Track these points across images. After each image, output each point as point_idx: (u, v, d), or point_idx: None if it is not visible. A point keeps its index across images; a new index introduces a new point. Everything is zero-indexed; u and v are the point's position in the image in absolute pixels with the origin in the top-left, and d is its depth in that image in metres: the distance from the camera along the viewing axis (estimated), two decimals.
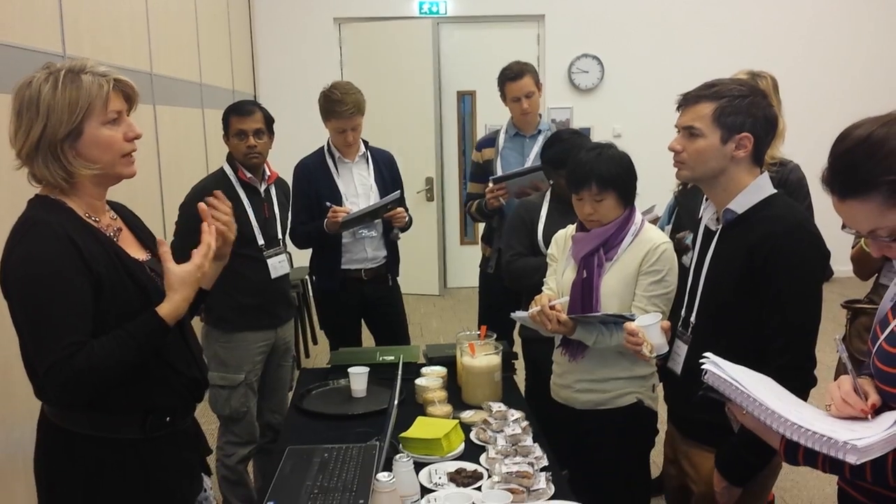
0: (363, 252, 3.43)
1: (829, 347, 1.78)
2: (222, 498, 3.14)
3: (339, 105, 3.26)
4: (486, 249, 3.72)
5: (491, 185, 3.45)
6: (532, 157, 3.58)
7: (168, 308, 1.65)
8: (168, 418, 1.75)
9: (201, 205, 1.80)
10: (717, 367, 1.45)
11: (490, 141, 3.76)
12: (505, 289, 3.50)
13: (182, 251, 1.79)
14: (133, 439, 1.70)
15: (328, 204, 3.29)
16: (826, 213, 1.46)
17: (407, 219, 3.44)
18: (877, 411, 1.34)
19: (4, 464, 2.41)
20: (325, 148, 3.45)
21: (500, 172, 3.56)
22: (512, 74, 3.57)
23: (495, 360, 2.57)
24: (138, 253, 1.77)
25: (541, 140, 3.60)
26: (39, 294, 1.55)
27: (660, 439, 2.39)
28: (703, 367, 1.47)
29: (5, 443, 2.42)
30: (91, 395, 1.59)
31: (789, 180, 2.75)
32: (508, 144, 3.67)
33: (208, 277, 1.83)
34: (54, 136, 1.57)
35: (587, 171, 2.22)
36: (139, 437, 1.70)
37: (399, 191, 3.40)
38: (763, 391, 1.38)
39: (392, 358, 2.88)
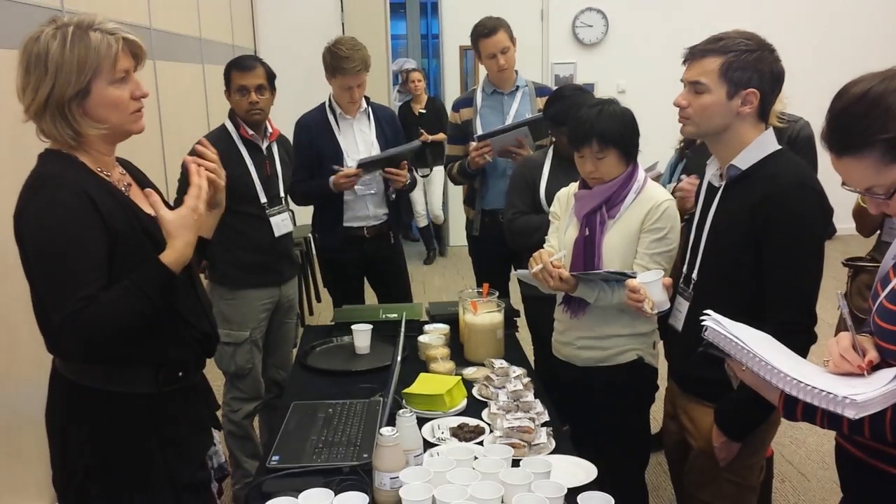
0: (365, 210, 3.42)
1: (829, 305, 1.79)
2: (228, 452, 3.19)
3: (347, 62, 3.22)
4: (470, 212, 3.69)
5: (475, 143, 3.40)
6: (511, 115, 3.52)
7: (170, 255, 1.63)
8: (180, 373, 1.77)
9: (186, 157, 1.79)
10: (717, 324, 1.45)
11: (467, 100, 3.67)
12: (495, 250, 3.51)
13: None
14: (145, 393, 1.72)
15: (335, 167, 3.27)
16: (831, 170, 1.45)
17: (408, 181, 3.40)
18: (876, 368, 1.35)
19: (12, 420, 2.44)
20: (327, 104, 3.42)
21: (479, 131, 3.49)
22: (485, 31, 3.46)
23: (497, 317, 2.58)
24: (149, 209, 1.77)
25: (519, 96, 3.55)
26: (55, 249, 1.55)
27: (660, 395, 2.42)
28: (703, 323, 1.48)
29: (13, 399, 2.45)
30: (108, 348, 1.60)
31: (799, 137, 2.71)
32: (486, 103, 3.59)
33: (207, 226, 1.82)
34: (62, 96, 1.57)
35: (588, 129, 2.20)
36: (152, 391, 1.72)
37: (420, 141, 3.36)
38: (763, 347, 1.39)
39: (395, 315, 2.90)
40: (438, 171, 6.98)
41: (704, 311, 1.50)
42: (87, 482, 1.69)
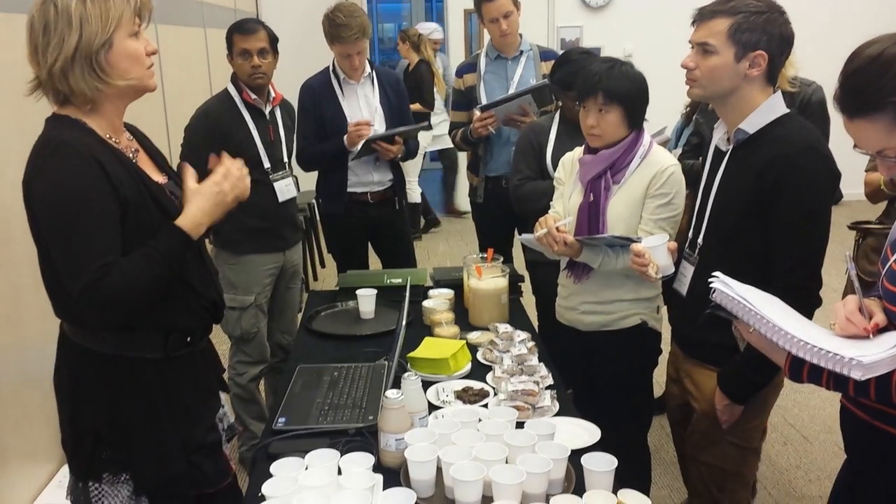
0: (369, 175, 3.41)
1: (835, 270, 1.79)
2: (235, 415, 3.23)
3: (344, 30, 3.18)
4: (473, 178, 3.67)
5: (478, 113, 3.36)
6: (515, 81, 3.48)
7: (186, 218, 1.66)
8: (188, 338, 1.78)
9: (213, 156, 1.81)
10: (725, 286, 1.45)
11: (471, 66, 3.62)
12: (498, 217, 3.50)
13: None
14: (154, 358, 1.73)
15: (350, 121, 3.25)
16: (843, 135, 1.43)
17: (398, 155, 3.36)
18: (883, 332, 1.35)
19: (19, 384, 2.46)
20: (331, 69, 3.39)
21: (483, 98, 3.46)
22: None
23: (502, 282, 2.59)
24: (157, 176, 1.77)
25: (523, 61, 3.51)
26: (70, 217, 1.55)
27: (662, 359, 2.43)
28: (711, 285, 1.48)
29: (20, 363, 2.47)
30: (126, 314, 1.62)
31: (811, 101, 2.68)
32: (490, 69, 3.54)
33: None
34: (90, 47, 1.56)
35: (596, 81, 2.17)
36: (160, 356, 1.74)
37: (427, 122, 3.34)
38: (770, 309, 1.39)
39: (399, 280, 2.91)
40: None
41: (713, 273, 1.49)
42: (98, 445, 1.71)
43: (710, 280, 1.49)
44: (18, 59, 1.64)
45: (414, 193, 7.15)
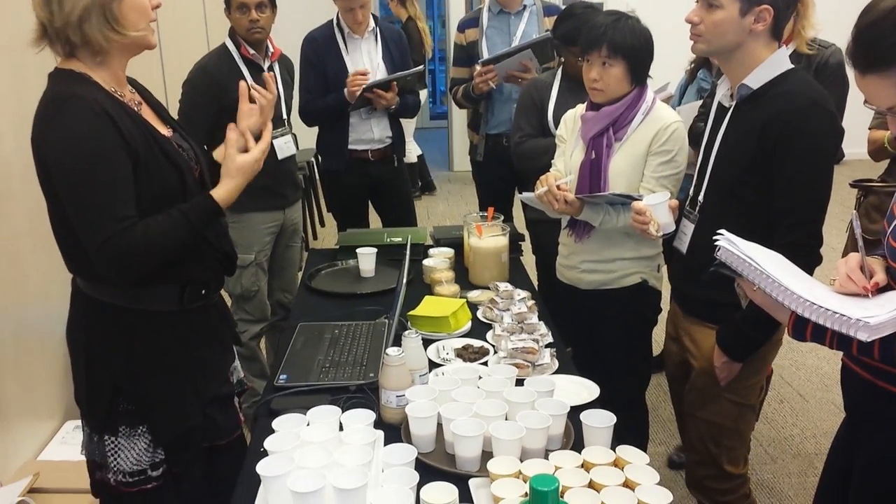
0: (370, 132, 3.39)
1: (835, 230, 1.78)
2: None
3: None
4: (474, 136, 3.64)
5: (479, 68, 3.32)
6: (518, 36, 3.43)
7: (223, 193, 1.72)
8: (203, 291, 1.80)
9: (243, 84, 1.88)
10: (730, 244, 1.45)
11: (473, 21, 3.56)
12: (499, 175, 3.48)
13: (187, 128, 1.77)
14: (170, 312, 1.75)
15: (350, 71, 3.22)
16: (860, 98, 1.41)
17: (392, 104, 3.32)
18: (882, 291, 1.34)
19: (21, 342, 2.47)
20: (335, 21, 3.34)
21: (485, 54, 3.41)
22: None
23: (502, 241, 2.58)
24: (162, 128, 1.76)
25: (526, 16, 3.45)
26: (87, 173, 1.55)
27: (662, 318, 2.43)
28: (716, 243, 1.47)
29: (22, 321, 2.48)
30: (144, 271, 1.63)
31: (829, 63, 2.62)
32: (493, 23, 3.49)
33: None
34: None
35: (600, 34, 2.14)
36: (175, 308, 1.75)
37: (423, 66, 3.30)
38: (775, 268, 1.39)
39: (400, 239, 2.90)
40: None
41: (718, 231, 1.49)
42: (115, 398, 1.72)
43: (714, 238, 1.48)
44: (10, 10, 1.61)
45: (411, 153, 7.12)
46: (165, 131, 1.76)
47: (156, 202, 1.64)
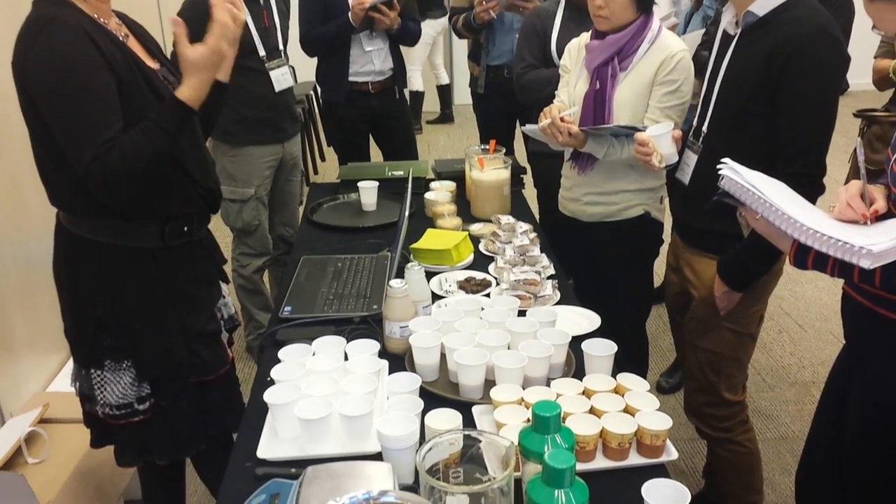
0: (370, 64, 3.34)
1: (837, 161, 1.76)
2: (241, 306, 3.28)
3: None
4: (475, 68, 3.58)
5: None
6: None
7: (186, 91, 1.62)
8: (186, 227, 1.79)
9: None
10: (733, 172, 1.44)
11: None
12: (500, 108, 3.43)
13: None
14: (152, 248, 1.74)
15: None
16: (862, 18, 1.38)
17: (394, 26, 3.27)
18: (882, 219, 1.34)
19: (26, 275, 2.49)
20: None
21: None
22: None
23: (504, 173, 2.57)
24: (149, 61, 1.73)
25: None
26: (70, 92, 1.52)
27: (663, 250, 2.44)
28: (720, 171, 1.46)
29: (25, 254, 2.49)
30: (131, 190, 1.60)
31: None
32: None
33: (224, 70, 1.79)
34: None
35: None
36: (158, 245, 1.75)
37: None
38: (778, 196, 1.38)
39: (401, 173, 2.89)
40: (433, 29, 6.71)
41: (721, 160, 1.47)
42: (98, 333, 1.74)
43: (718, 167, 1.47)
44: None
45: (416, 82, 7.03)
46: (152, 64, 1.73)
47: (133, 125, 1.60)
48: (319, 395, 1.42)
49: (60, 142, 1.57)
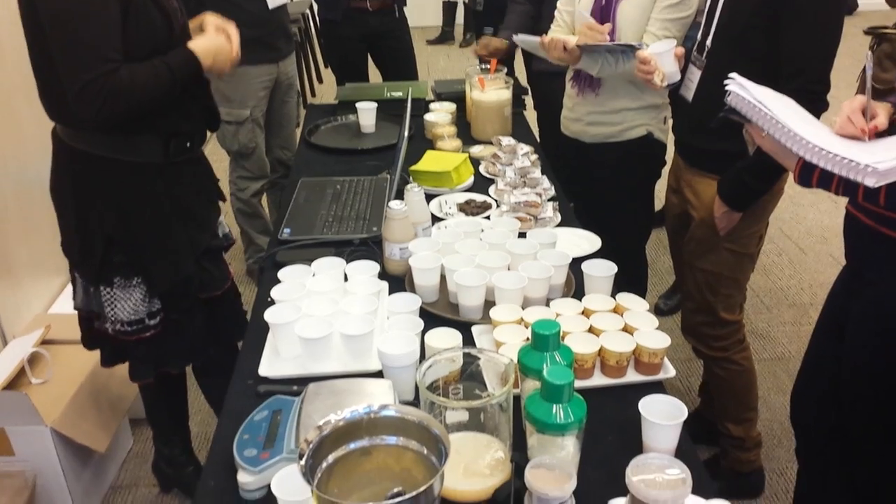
0: None
1: (843, 83, 1.72)
2: (240, 229, 3.28)
3: None
4: None
5: None
6: None
7: (198, 47, 1.71)
8: (188, 143, 1.79)
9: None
10: (741, 88, 1.40)
11: None
12: (499, 26, 3.34)
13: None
14: (155, 164, 1.74)
15: None
16: None
17: None
18: (882, 136, 1.32)
19: (24, 198, 2.47)
20: None
21: None
22: None
23: (505, 94, 2.52)
24: None
25: None
26: (73, 10, 1.52)
27: (665, 172, 2.42)
28: (727, 87, 1.43)
29: (22, 176, 2.47)
30: (121, 117, 1.61)
31: None
32: None
33: (220, 64, 1.83)
34: None
35: None
36: (162, 161, 1.74)
37: None
38: (785, 113, 1.35)
39: (400, 94, 2.84)
40: None
41: (729, 75, 1.44)
42: (109, 249, 1.74)
43: (725, 82, 1.43)
44: None
45: None
46: None
47: (143, 47, 1.62)
48: (320, 315, 1.43)
49: (59, 57, 1.56)
